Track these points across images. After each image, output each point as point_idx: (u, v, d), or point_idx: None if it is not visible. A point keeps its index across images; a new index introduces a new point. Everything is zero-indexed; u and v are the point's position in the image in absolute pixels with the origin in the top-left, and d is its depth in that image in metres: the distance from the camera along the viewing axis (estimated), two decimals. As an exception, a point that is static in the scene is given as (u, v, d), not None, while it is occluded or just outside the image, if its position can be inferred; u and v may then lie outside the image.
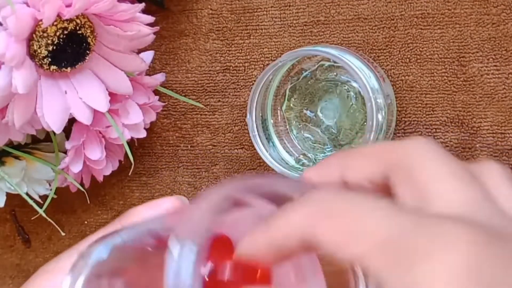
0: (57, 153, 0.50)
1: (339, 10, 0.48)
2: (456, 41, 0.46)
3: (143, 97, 0.48)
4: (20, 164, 0.49)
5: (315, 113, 0.48)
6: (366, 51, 0.48)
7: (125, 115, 0.47)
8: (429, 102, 0.47)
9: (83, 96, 0.43)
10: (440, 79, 0.47)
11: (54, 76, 0.42)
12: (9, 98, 0.40)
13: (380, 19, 0.48)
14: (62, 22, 0.40)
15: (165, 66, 0.53)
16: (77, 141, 0.47)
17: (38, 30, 0.39)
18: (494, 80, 0.46)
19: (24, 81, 0.38)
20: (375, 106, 0.43)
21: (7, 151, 0.50)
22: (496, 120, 0.46)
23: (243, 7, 0.51)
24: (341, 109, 0.48)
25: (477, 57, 0.46)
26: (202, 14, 0.52)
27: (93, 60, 0.43)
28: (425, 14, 0.47)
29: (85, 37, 0.41)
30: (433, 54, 0.47)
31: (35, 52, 0.40)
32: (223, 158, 0.53)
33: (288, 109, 0.49)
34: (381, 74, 0.47)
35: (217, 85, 0.52)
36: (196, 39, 0.52)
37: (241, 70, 0.52)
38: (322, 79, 0.48)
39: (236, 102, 0.52)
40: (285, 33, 0.50)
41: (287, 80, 0.48)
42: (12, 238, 0.59)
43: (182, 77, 0.53)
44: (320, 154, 0.48)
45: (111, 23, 0.41)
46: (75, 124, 0.47)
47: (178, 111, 0.54)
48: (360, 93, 0.46)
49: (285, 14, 0.50)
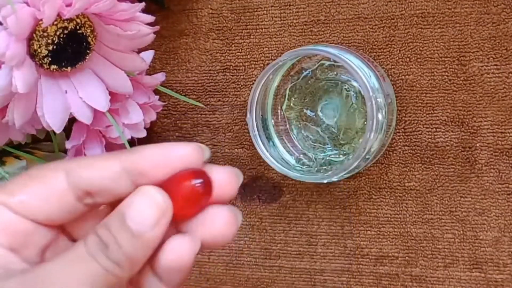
0: (58, 152, 0.50)
1: (339, 9, 0.49)
2: (456, 40, 0.46)
3: (143, 96, 0.48)
4: (20, 164, 0.49)
5: (315, 112, 0.48)
6: (366, 51, 0.48)
7: (125, 114, 0.47)
8: (429, 101, 0.47)
9: (83, 95, 0.43)
10: (440, 78, 0.47)
11: (54, 76, 0.42)
12: (10, 98, 0.40)
13: (380, 18, 0.48)
14: (62, 22, 0.40)
15: (165, 65, 0.53)
16: (77, 140, 0.47)
17: (38, 29, 0.39)
18: (495, 79, 0.46)
19: (24, 81, 0.38)
20: (375, 105, 0.43)
21: (7, 151, 0.50)
22: (497, 120, 0.46)
23: (243, 6, 0.51)
24: (341, 108, 0.48)
25: (477, 56, 0.46)
26: (202, 14, 0.52)
27: (93, 60, 0.43)
28: (425, 13, 0.47)
29: (85, 37, 0.41)
30: (433, 53, 0.47)
31: (35, 51, 0.40)
32: (223, 157, 0.53)
33: (288, 109, 0.49)
34: (381, 73, 0.47)
35: (217, 84, 0.52)
36: (196, 39, 0.52)
37: (241, 70, 0.52)
38: (322, 79, 0.48)
39: (236, 102, 0.52)
40: (285, 33, 0.50)
41: (287, 79, 0.48)
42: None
43: (182, 77, 0.53)
44: (321, 153, 0.48)
45: (111, 22, 0.41)
46: (75, 124, 0.47)
47: (178, 110, 0.54)
48: (360, 93, 0.46)
49: (285, 14, 0.50)
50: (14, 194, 0.33)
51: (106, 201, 0.33)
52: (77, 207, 0.33)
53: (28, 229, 0.33)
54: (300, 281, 0.51)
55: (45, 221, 0.33)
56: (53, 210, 0.33)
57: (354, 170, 0.46)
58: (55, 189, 0.33)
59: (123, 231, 0.31)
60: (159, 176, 0.33)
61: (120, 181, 0.33)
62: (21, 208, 0.33)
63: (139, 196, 0.32)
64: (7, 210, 0.33)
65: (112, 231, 0.31)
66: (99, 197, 0.33)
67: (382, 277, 0.49)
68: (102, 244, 0.31)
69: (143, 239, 0.31)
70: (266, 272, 0.52)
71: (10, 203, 0.33)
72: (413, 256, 0.48)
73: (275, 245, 0.52)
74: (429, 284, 0.48)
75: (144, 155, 0.33)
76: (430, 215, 0.48)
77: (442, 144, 0.47)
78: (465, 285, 0.47)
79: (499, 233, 0.46)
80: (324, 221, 0.50)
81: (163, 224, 0.32)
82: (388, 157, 0.48)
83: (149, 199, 0.32)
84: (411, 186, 0.48)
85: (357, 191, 0.49)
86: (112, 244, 0.31)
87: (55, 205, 0.33)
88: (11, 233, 0.33)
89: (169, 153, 0.33)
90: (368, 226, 0.49)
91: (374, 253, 0.49)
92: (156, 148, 0.33)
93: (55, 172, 0.33)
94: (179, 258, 0.32)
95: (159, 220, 0.32)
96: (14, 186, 0.33)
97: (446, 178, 0.47)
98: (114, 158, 0.33)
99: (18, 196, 0.33)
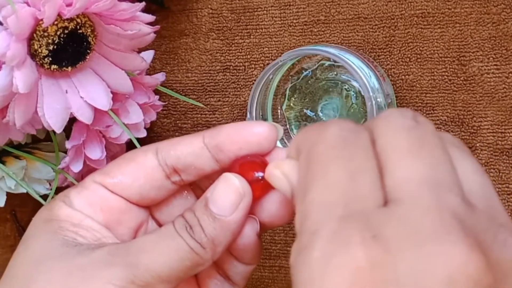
0: (58, 152, 0.50)
1: (339, 9, 0.49)
2: (456, 40, 0.46)
3: (143, 96, 0.48)
4: (20, 164, 0.49)
5: (315, 112, 0.48)
6: (366, 51, 0.48)
7: (126, 114, 0.47)
8: (429, 101, 0.47)
9: (84, 95, 0.42)
10: (440, 79, 0.47)
11: (55, 76, 0.42)
12: (10, 98, 0.40)
13: (380, 18, 0.48)
14: (63, 22, 0.40)
15: (165, 65, 0.53)
16: (78, 140, 0.47)
17: (38, 29, 0.39)
18: (495, 79, 0.46)
19: (25, 81, 0.38)
20: (375, 105, 0.43)
21: (7, 151, 0.50)
22: (497, 119, 0.46)
23: (243, 6, 0.51)
24: (341, 108, 0.48)
25: (477, 56, 0.46)
26: (202, 14, 0.52)
27: (94, 59, 0.43)
28: (425, 13, 0.47)
29: (86, 36, 0.41)
30: (433, 54, 0.47)
31: (36, 51, 0.40)
32: (223, 157, 0.53)
33: (288, 109, 0.49)
34: (381, 73, 0.47)
35: (217, 84, 0.52)
36: (196, 39, 0.52)
37: (241, 70, 0.52)
38: (322, 79, 0.48)
39: (236, 102, 0.52)
40: (285, 33, 0.50)
41: (287, 79, 0.48)
42: (12, 238, 0.59)
43: (182, 77, 0.53)
44: (321, 153, 0.48)
45: (111, 22, 0.41)
46: (75, 124, 0.47)
47: (178, 110, 0.54)
48: (360, 93, 0.46)
49: (285, 14, 0.50)
50: (111, 175, 0.37)
51: (191, 178, 0.37)
52: (166, 185, 0.37)
53: (122, 208, 0.37)
54: (300, 281, 0.51)
55: (137, 199, 0.37)
56: (145, 187, 0.37)
57: (354, 170, 0.46)
58: (146, 167, 0.37)
59: (206, 214, 0.34)
60: (235, 151, 0.36)
61: (203, 156, 0.36)
62: (116, 187, 0.36)
63: (221, 183, 0.35)
64: (104, 189, 0.37)
65: (196, 214, 0.34)
66: (185, 174, 0.37)
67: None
68: (188, 225, 0.34)
69: (224, 222, 0.34)
70: (266, 272, 0.52)
71: (106, 183, 0.37)
72: (413, 256, 0.48)
73: (275, 245, 0.52)
74: (429, 284, 0.48)
75: (224, 131, 0.36)
76: (430, 215, 0.48)
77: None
78: (465, 285, 0.47)
79: (499, 233, 0.46)
80: (324, 221, 0.50)
81: (242, 209, 0.35)
82: (388, 157, 0.48)
83: (229, 185, 0.35)
84: (411, 186, 0.48)
85: (357, 191, 0.49)
86: (195, 226, 0.34)
87: (147, 183, 0.37)
88: (108, 210, 0.36)
89: (246, 130, 0.36)
90: (368, 226, 0.49)
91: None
92: (235, 125, 0.37)
93: (145, 153, 0.37)
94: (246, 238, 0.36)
95: (238, 204, 0.35)
96: (110, 168, 0.37)
97: (446, 178, 0.47)
98: (197, 136, 0.37)
99: (114, 175, 0.37)
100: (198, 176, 0.37)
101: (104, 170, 0.37)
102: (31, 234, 0.36)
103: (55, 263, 0.34)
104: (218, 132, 0.36)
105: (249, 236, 0.36)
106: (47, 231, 0.35)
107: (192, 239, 0.34)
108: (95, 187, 0.37)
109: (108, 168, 0.37)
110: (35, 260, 0.34)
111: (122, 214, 0.37)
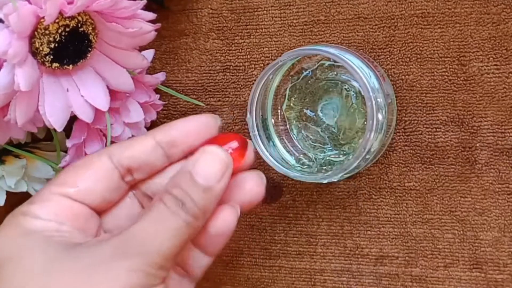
0: (59, 151, 0.50)
1: (339, 9, 0.49)
2: (456, 40, 0.46)
3: (144, 95, 0.48)
4: (20, 163, 0.49)
5: (315, 112, 0.48)
6: (366, 51, 0.48)
7: (126, 113, 0.47)
8: (429, 101, 0.47)
9: (85, 94, 0.43)
10: (440, 78, 0.47)
11: (56, 74, 0.42)
12: (11, 96, 0.40)
13: (380, 18, 0.48)
14: (64, 20, 0.40)
15: (165, 65, 0.53)
16: (78, 139, 0.47)
17: (40, 27, 0.39)
18: (495, 79, 0.46)
19: (26, 79, 0.38)
20: (375, 105, 0.43)
21: (7, 150, 0.50)
22: (497, 119, 0.46)
23: (243, 6, 0.51)
24: (341, 108, 0.48)
25: (478, 56, 0.46)
26: (202, 14, 0.52)
27: (95, 58, 0.43)
28: (425, 13, 0.47)
29: (87, 35, 0.41)
30: (433, 54, 0.47)
31: (37, 49, 0.40)
32: (223, 157, 0.53)
33: (288, 109, 0.49)
34: (381, 73, 0.47)
35: (217, 84, 0.52)
36: (196, 39, 0.52)
37: (241, 70, 0.52)
38: (322, 79, 0.48)
39: (236, 102, 0.52)
40: (285, 33, 0.50)
41: (287, 79, 0.48)
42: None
43: (182, 77, 0.53)
44: (321, 153, 0.48)
45: (112, 20, 0.41)
46: (76, 122, 0.47)
47: (179, 110, 0.54)
48: (360, 93, 0.46)
49: (285, 14, 0.50)
50: (69, 184, 0.38)
51: (142, 176, 0.39)
52: (121, 185, 0.39)
53: (86, 214, 0.38)
54: (300, 281, 0.51)
55: (99, 203, 0.38)
56: (106, 190, 0.38)
57: (354, 170, 0.46)
58: (103, 170, 0.38)
59: (195, 187, 0.36)
60: (189, 143, 0.38)
61: (155, 154, 0.38)
62: (78, 195, 0.38)
63: (203, 155, 0.37)
64: (67, 199, 0.37)
65: (184, 188, 0.36)
66: (138, 173, 0.39)
67: (382, 277, 0.49)
68: (179, 201, 0.36)
69: (213, 191, 0.36)
70: (266, 272, 0.52)
71: (68, 192, 0.38)
72: (413, 256, 0.48)
73: (275, 245, 0.52)
74: (429, 284, 0.48)
75: (174, 126, 0.39)
76: (430, 215, 0.48)
77: (442, 144, 0.47)
78: (465, 285, 0.47)
79: (499, 233, 0.46)
80: (324, 221, 0.50)
81: (227, 177, 0.37)
82: (388, 157, 0.48)
83: (213, 156, 0.37)
84: (411, 186, 0.48)
85: (357, 191, 0.49)
86: (188, 201, 0.35)
87: (106, 186, 0.38)
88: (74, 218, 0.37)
89: (194, 122, 0.39)
90: (368, 226, 0.49)
91: (374, 253, 0.49)
92: (182, 120, 0.39)
93: (99, 157, 0.39)
94: (227, 225, 0.38)
95: (224, 173, 0.36)
96: (66, 177, 0.38)
97: (446, 178, 0.47)
98: (148, 135, 0.39)
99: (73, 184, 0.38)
100: (151, 173, 0.39)
101: (59, 181, 0.38)
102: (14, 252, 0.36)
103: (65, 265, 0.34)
104: (168, 129, 0.39)
105: (230, 222, 0.38)
106: (36, 243, 0.36)
107: (186, 214, 0.35)
108: (57, 198, 0.37)
109: (63, 178, 0.38)
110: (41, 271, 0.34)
111: (86, 220, 0.38)
